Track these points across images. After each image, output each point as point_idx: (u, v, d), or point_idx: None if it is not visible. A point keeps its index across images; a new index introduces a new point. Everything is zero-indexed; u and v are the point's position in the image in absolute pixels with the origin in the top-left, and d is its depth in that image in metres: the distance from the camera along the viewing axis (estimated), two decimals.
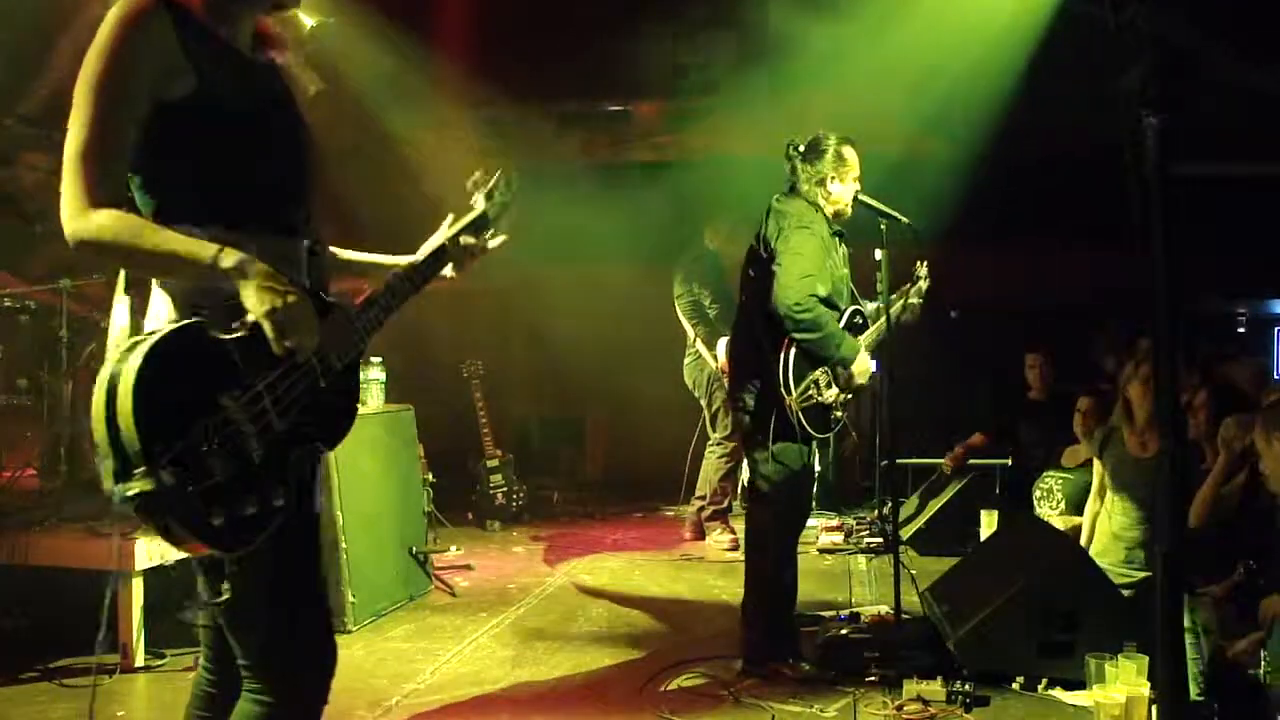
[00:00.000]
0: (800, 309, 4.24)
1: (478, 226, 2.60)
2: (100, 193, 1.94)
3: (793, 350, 4.32)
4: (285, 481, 2.00)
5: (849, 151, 4.53)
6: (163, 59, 1.98)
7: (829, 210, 4.52)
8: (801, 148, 4.57)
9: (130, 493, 1.78)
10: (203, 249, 1.93)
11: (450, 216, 2.59)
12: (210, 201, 2.06)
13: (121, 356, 1.83)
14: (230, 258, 1.92)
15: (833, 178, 4.50)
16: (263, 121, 2.15)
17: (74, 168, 1.94)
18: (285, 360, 1.98)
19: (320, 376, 2.09)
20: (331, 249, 2.43)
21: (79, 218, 1.93)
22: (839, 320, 4.46)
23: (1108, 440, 5.41)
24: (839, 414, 4.50)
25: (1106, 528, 5.21)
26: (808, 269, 4.29)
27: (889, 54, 7.68)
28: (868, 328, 4.64)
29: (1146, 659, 3.67)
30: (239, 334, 1.93)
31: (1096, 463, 5.49)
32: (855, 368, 4.41)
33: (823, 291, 4.31)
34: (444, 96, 8.37)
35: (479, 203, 2.63)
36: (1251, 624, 3.76)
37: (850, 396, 4.53)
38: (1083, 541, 5.37)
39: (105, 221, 1.92)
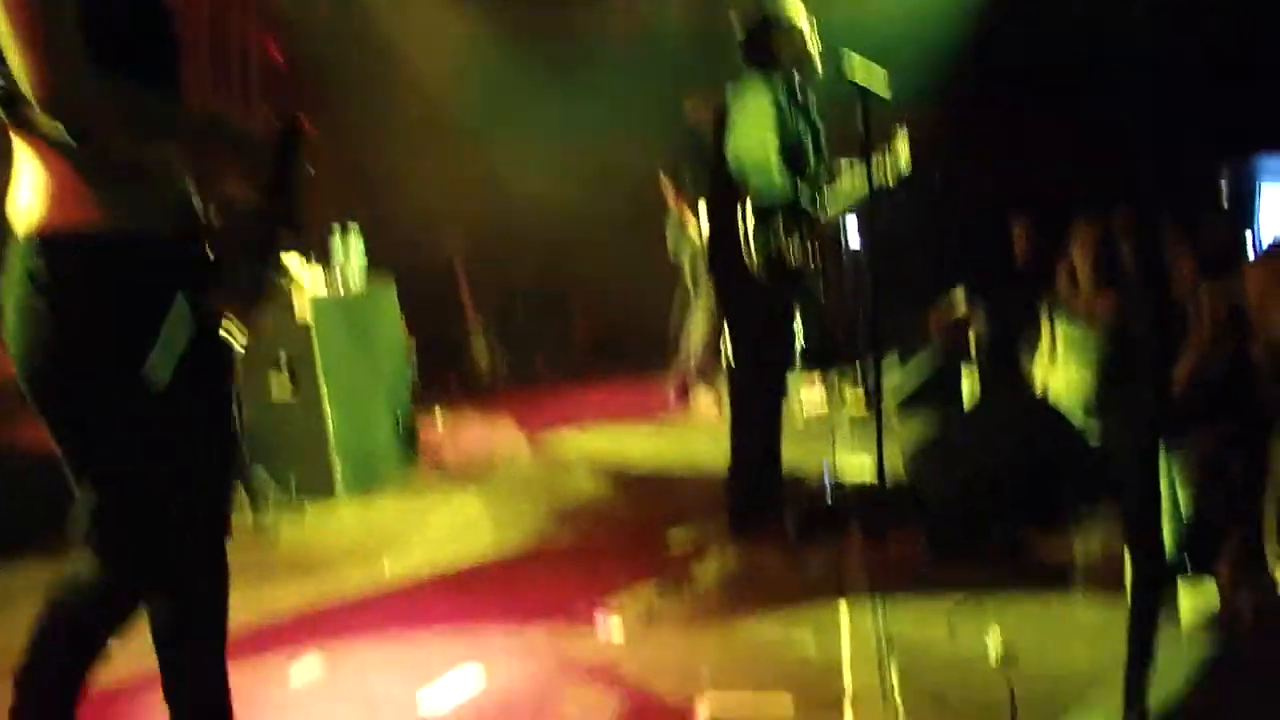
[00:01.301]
0: (745, 155, 4.26)
1: None
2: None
3: (749, 203, 4.28)
4: None
5: (774, 5, 4.42)
6: None
7: (788, 58, 4.44)
8: (740, 38, 4.49)
9: None
10: None
11: None
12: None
13: None
14: None
15: (777, 31, 4.41)
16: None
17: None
18: None
19: None
20: None
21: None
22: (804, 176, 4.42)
23: (1053, 306, 5.37)
24: (803, 262, 4.41)
25: (1062, 389, 5.20)
26: (749, 123, 4.29)
27: None
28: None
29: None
30: None
31: (1044, 325, 5.45)
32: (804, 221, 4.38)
33: (771, 149, 4.28)
34: None
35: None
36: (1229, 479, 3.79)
37: (814, 248, 4.47)
38: None
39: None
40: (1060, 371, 5.24)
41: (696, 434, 6.59)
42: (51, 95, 1.85)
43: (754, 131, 4.28)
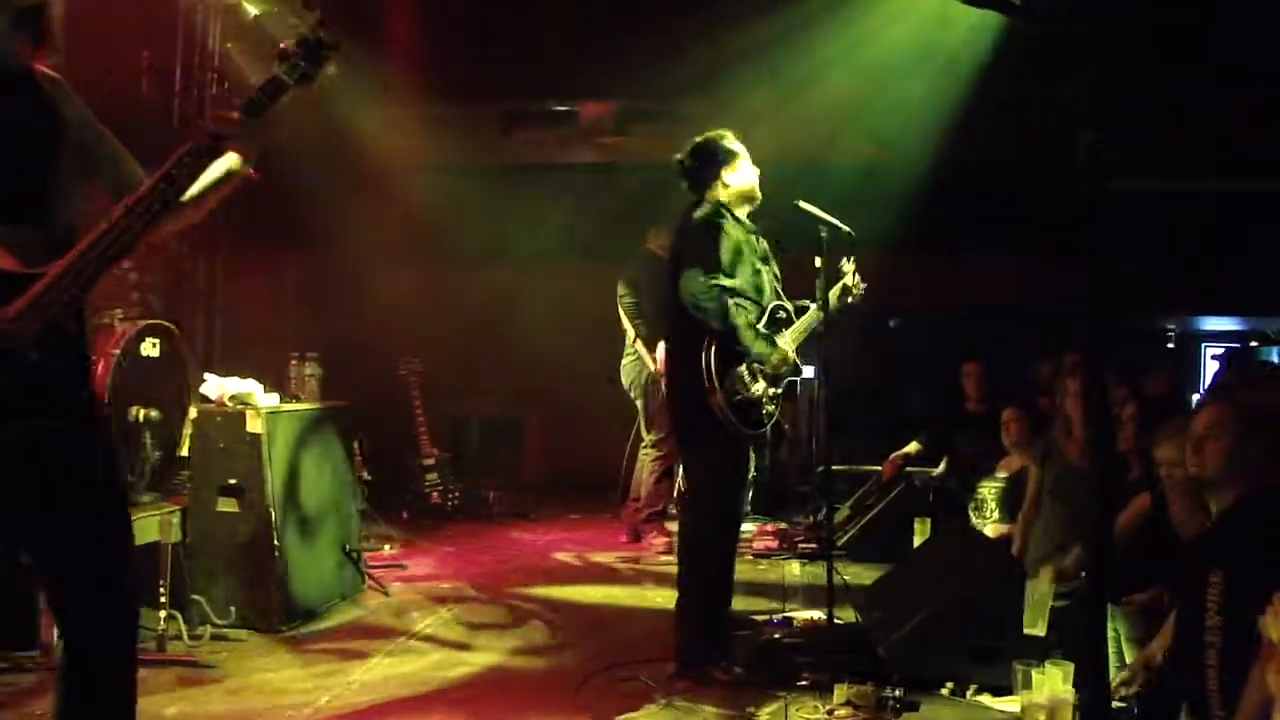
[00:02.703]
0: (704, 297, 4.28)
1: (257, 102, 2.40)
2: None
3: (714, 348, 4.33)
4: None
5: (730, 143, 4.56)
6: None
7: (739, 207, 4.56)
8: (686, 162, 4.60)
9: None
10: None
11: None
12: None
13: None
14: None
15: (728, 171, 4.53)
16: None
17: None
18: None
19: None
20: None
21: None
22: (760, 316, 4.48)
23: (1049, 451, 5.47)
24: (770, 409, 4.49)
25: (1046, 538, 5.24)
26: (706, 263, 4.34)
27: (837, 65, 7.76)
28: (791, 323, 4.63)
29: (1072, 666, 3.73)
30: None
31: (1034, 472, 5.53)
32: (772, 358, 4.40)
33: (726, 283, 4.34)
34: (389, 91, 8.30)
35: (279, 70, 2.42)
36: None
37: (779, 391, 4.53)
38: (1015, 549, 5.43)
39: None
40: (1050, 520, 5.28)
41: (648, 574, 6.52)
42: None
43: (705, 268, 4.33)
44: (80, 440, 2.36)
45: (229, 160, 2.46)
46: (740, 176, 4.54)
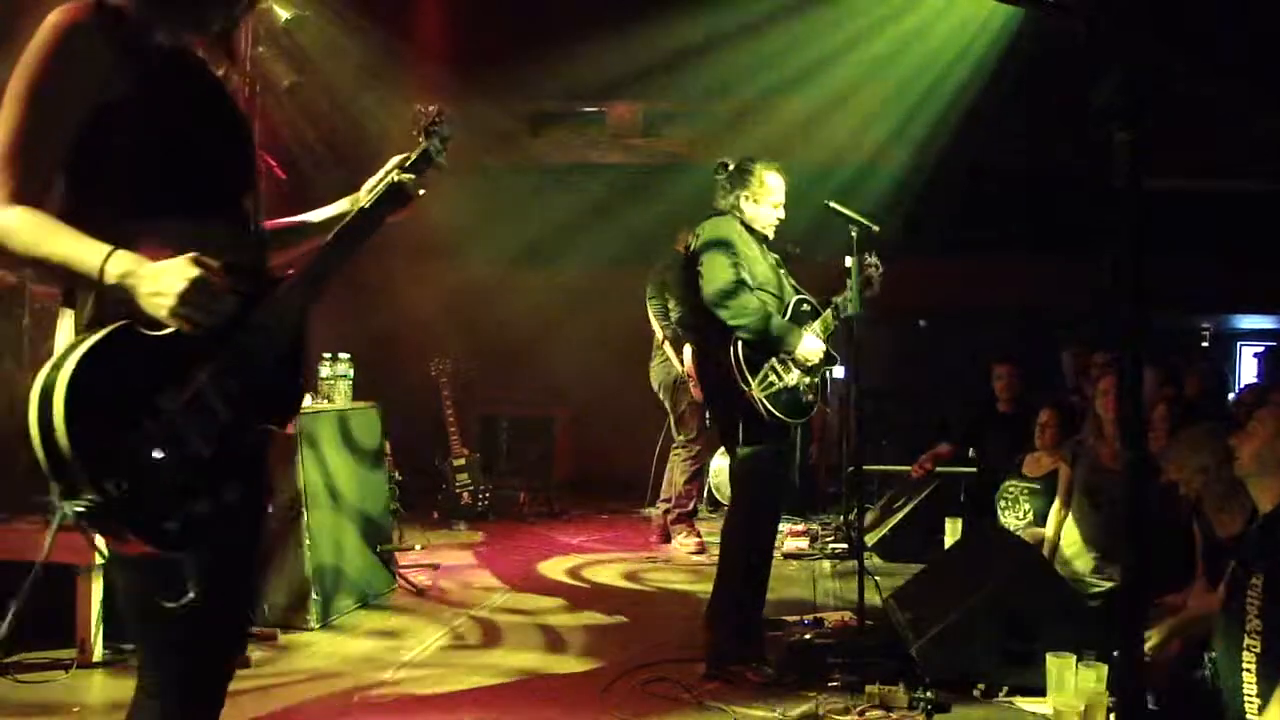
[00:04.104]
0: (724, 295, 4.33)
1: (419, 166, 2.63)
2: (22, 191, 1.90)
3: (740, 343, 4.35)
4: (239, 473, 1.99)
5: (773, 178, 4.60)
6: (96, 67, 1.95)
7: (752, 224, 4.60)
8: (730, 167, 4.65)
9: (79, 509, 1.75)
10: (93, 256, 1.86)
11: (396, 158, 2.63)
12: (142, 195, 2.01)
13: (52, 367, 1.76)
14: (117, 266, 1.85)
15: (749, 198, 4.57)
16: (199, 119, 2.14)
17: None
18: (222, 349, 1.93)
19: (262, 359, 2.04)
20: (270, 225, 2.45)
21: None
22: (784, 310, 4.51)
23: (1079, 450, 5.44)
24: (811, 398, 4.51)
25: (1077, 536, 5.23)
26: (726, 262, 4.39)
27: (860, 66, 7.75)
28: (818, 315, 4.66)
29: (1106, 666, 3.70)
30: (166, 331, 1.86)
31: (1064, 471, 5.50)
32: (800, 350, 4.43)
33: (748, 278, 4.39)
34: (417, 91, 8.33)
35: (421, 140, 2.66)
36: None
37: (815, 378, 4.55)
38: (1046, 549, 5.40)
39: (13, 221, 1.89)
40: (1081, 519, 5.26)
41: (678, 574, 6.52)
42: None
43: (726, 266, 4.38)
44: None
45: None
46: (761, 208, 4.60)
